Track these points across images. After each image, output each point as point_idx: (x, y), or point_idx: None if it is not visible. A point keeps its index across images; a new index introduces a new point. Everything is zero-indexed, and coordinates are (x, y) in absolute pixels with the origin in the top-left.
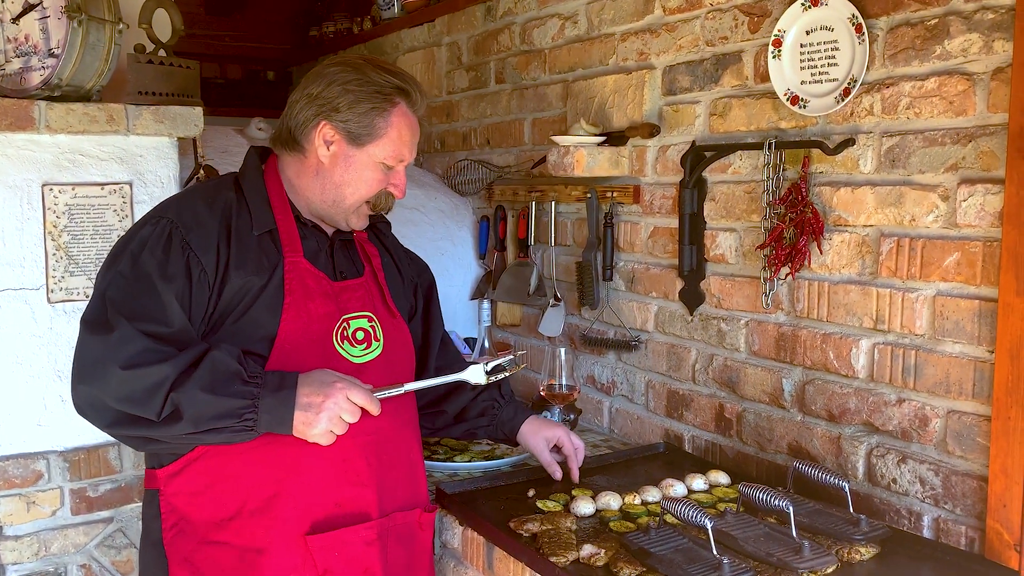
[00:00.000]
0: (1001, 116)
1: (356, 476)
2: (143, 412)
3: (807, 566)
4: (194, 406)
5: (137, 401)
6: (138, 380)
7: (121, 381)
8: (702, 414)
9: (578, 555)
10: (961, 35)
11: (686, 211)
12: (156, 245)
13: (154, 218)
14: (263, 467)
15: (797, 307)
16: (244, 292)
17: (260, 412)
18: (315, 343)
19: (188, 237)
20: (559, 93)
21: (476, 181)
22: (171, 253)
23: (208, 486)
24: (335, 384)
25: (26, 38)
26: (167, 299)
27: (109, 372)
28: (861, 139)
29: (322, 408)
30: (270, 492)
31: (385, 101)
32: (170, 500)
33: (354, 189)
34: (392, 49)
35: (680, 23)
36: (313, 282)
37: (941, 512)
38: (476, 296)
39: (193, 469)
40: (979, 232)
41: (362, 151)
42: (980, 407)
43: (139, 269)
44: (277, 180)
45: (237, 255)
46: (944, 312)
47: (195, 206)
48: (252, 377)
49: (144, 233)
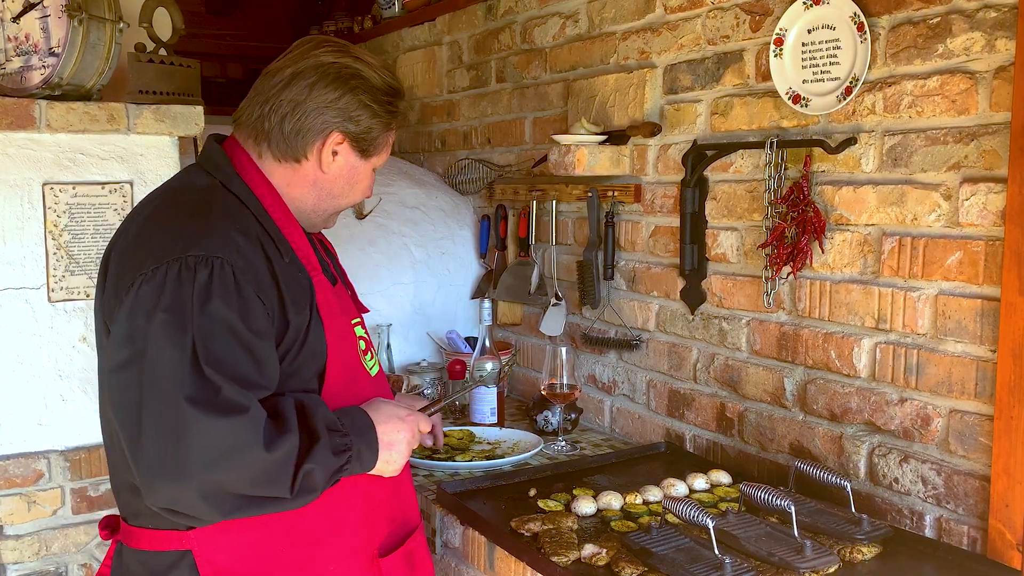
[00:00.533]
0: (1003, 115)
1: (402, 488)
2: (277, 492)
3: (809, 566)
4: (324, 472)
5: (274, 482)
6: (275, 458)
7: (264, 463)
8: (703, 413)
9: (579, 555)
10: (963, 34)
11: (687, 210)
12: (226, 294)
13: (200, 259)
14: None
15: (799, 306)
16: (298, 332)
17: (353, 460)
18: (351, 364)
19: (247, 279)
20: (560, 92)
21: (477, 180)
22: (247, 300)
23: (256, 538)
24: (405, 418)
25: (27, 37)
26: (263, 357)
27: (252, 457)
28: (863, 138)
29: (403, 444)
30: (333, 526)
31: (391, 115)
32: (211, 559)
33: (351, 198)
34: (393, 48)
35: (681, 22)
36: (332, 297)
37: (943, 512)
38: (477, 295)
39: (238, 524)
40: (981, 231)
41: (367, 163)
42: (982, 406)
43: (217, 326)
44: (268, 187)
45: (287, 292)
46: (946, 311)
47: (234, 239)
48: (342, 425)
49: (202, 279)
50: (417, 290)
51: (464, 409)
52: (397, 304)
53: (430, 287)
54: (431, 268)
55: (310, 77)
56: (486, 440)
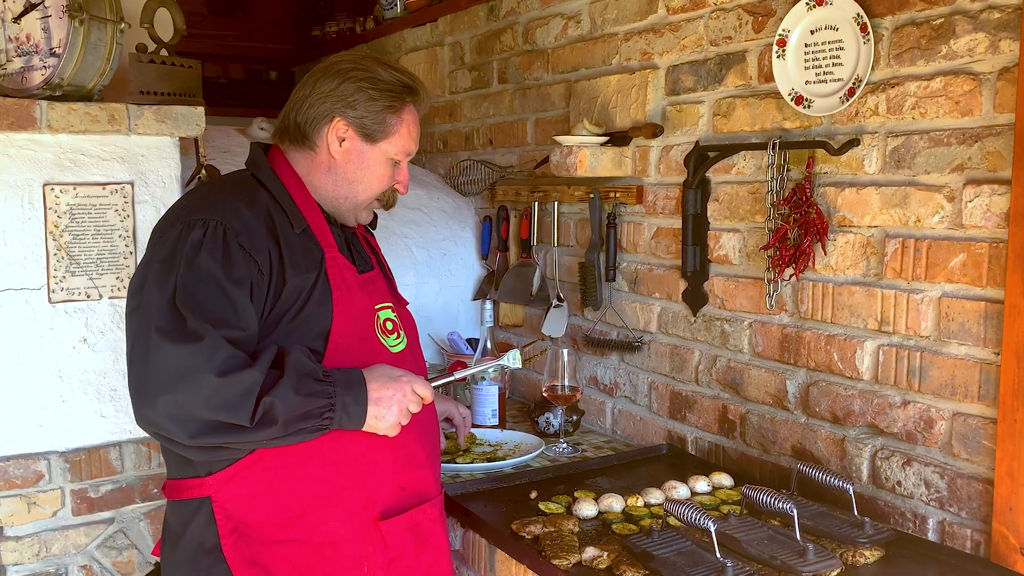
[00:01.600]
0: (1007, 116)
1: (414, 458)
2: (236, 419)
3: (811, 569)
4: (286, 408)
5: (231, 408)
6: (232, 386)
7: (217, 389)
8: (705, 416)
9: (580, 557)
10: (967, 35)
11: (689, 212)
12: (214, 247)
13: (199, 221)
14: (327, 461)
15: (801, 308)
16: (300, 290)
17: (336, 410)
18: (363, 336)
19: (240, 238)
20: (562, 93)
21: (479, 181)
22: (231, 254)
23: (269, 488)
24: (401, 378)
25: (27, 37)
26: (240, 302)
27: (203, 381)
28: (866, 139)
29: (392, 401)
30: (338, 485)
31: (397, 100)
32: (226, 506)
33: (367, 185)
34: (395, 49)
35: (684, 23)
36: (351, 276)
37: (946, 515)
38: (478, 297)
39: (250, 473)
40: (985, 233)
41: (375, 148)
42: (986, 409)
43: (201, 273)
44: (294, 176)
45: (288, 254)
46: (950, 314)
47: (237, 208)
48: (326, 375)
49: (195, 236)
50: (418, 291)
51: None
52: None
53: (431, 288)
54: (433, 269)
55: (317, 75)
56: (487, 442)
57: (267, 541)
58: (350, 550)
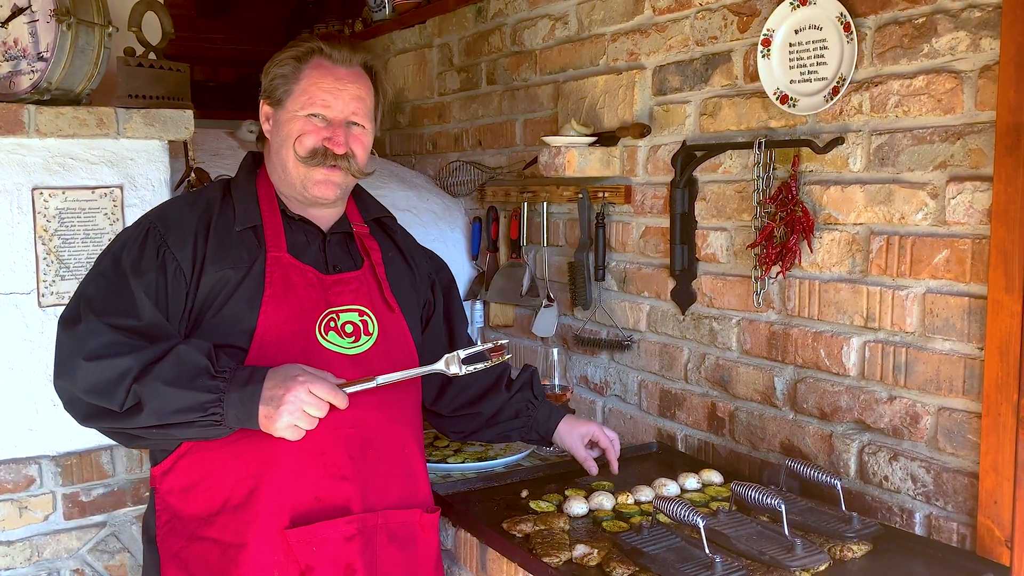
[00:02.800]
0: (989, 114)
1: (336, 469)
2: (107, 403)
3: (799, 564)
4: (155, 398)
5: (102, 392)
6: (102, 371)
7: (86, 373)
8: (695, 413)
9: (571, 555)
10: (948, 33)
11: (677, 211)
12: (133, 244)
13: (137, 222)
14: (243, 462)
15: (788, 306)
16: (221, 286)
17: (226, 407)
18: (297, 335)
19: (166, 236)
20: (550, 94)
21: (468, 182)
22: (146, 250)
23: (196, 482)
24: (297, 377)
25: (15, 42)
26: (137, 293)
27: (76, 364)
28: (850, 138)
29: (283, 401)
30: (250, 486)
31: (298, 59)
32: (164, 498)
33: (286, 148)
34: (383, 51)
35: (670, 23)
36: (297, 276)
37: (933, 509)
38: (469, 297)
39: (181, 466)
40: (968, 229)
41: (283, 110)
42: (970, 404)
43: (117, 268)
44: (266, 177)
45: (214, 250)
46: (934, 309)
47: (177, 207)
48: (220, 372)
49: (124, 235)
50: None
51: None
52: None
53: None
54: None
55: None
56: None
57: (190, 536)
58: (257, 556)
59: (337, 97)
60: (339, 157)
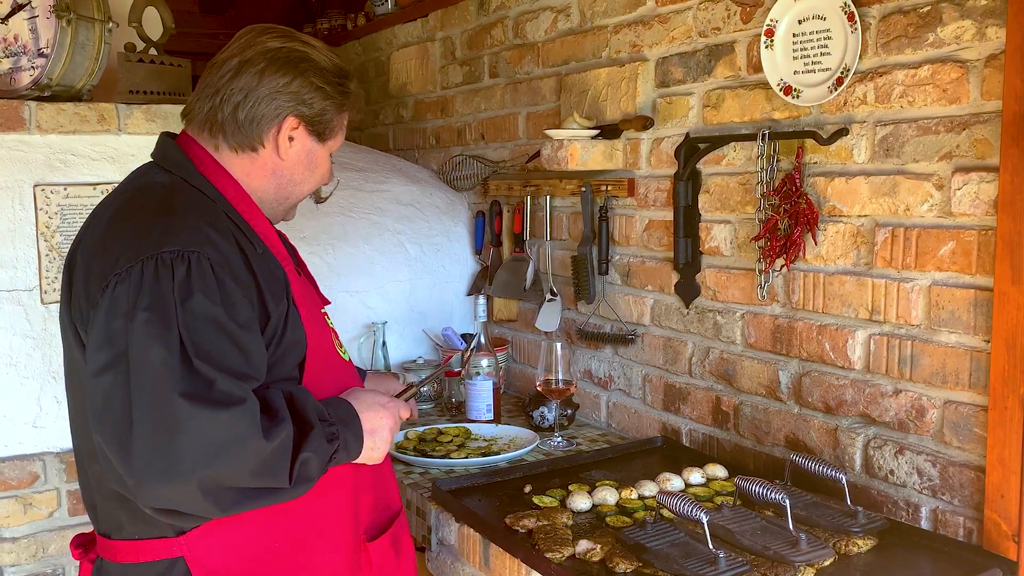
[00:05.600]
0: (995, 103)
1: (386, 471)
2: (277, 482)
3: (804, 559)
4: (320, 460)
5: (275, 472)
6: (272, 449)
7: (263, 454)
8: (699, 407)
9: (574, 551)
10: (954, 22)
11: (681, 204)
12: (206, 286)
13: (173, 253)
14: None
15: (792, 299)
16: (277, 321)
17: (339, 449)
18: (328, 351)
19: (224, 271)
20: (553, 87)
21: (471, 176)
22: (228, 292)
23: (254, 531)
24: (388, 404)
25: (15, 38)
26: (251, 348)
27: (252, 447)
28: (855, 129)
29: (386, 431)
30: (328, 514)
31: (343, 96)
32: (204, 563)
33: (310, 185)
34: (386, 45)
35: (672, 14)
36: (305, 289)
37: (939, 503)
38: (472, 292)
39: (227, 523)
40: (974, 221)
41: (323, 147)
42: (977, 397)
43: (202, 318)
44: (231, 181)
45: (264, 283)
46: (940, 302)
47: (206, 232)
48: (330, 414)
49: (180, 274)
50: (412, 287)
51: (460, 406)
52: (392, 301)
53: (425, 284)
54: (426, 265)
55: (259, 64)
56: (482, 437)
57: None
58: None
59: None
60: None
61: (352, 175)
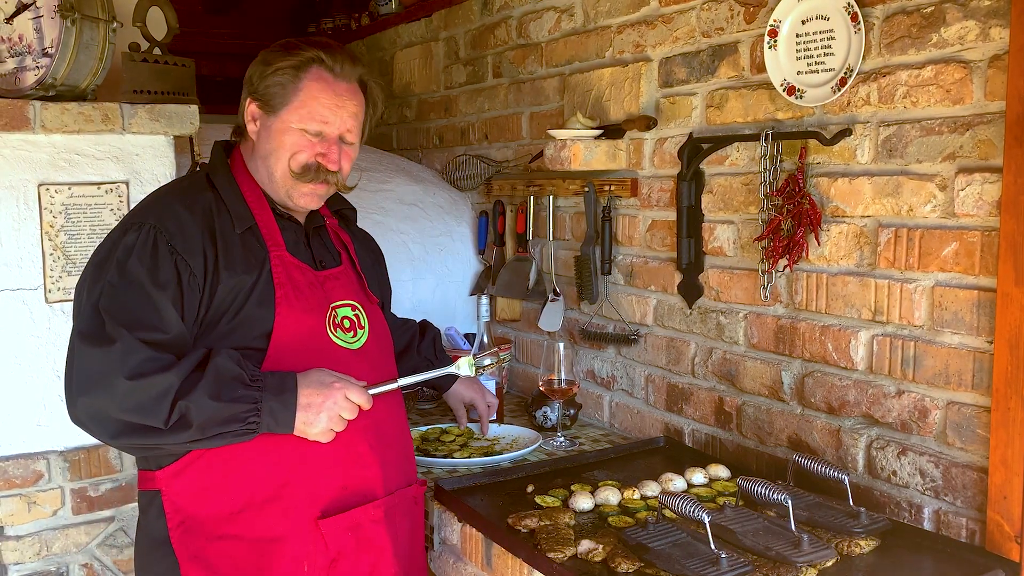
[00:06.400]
0: (998, 104)
1: (360, 458)
2: (150, 421)
3: (806, 560)
4: (201, 413)
5: (145, 410)
6: (144, 390)
7: (127, 392)
8: (702, 408)
9: (576, 550)
10: (957, 22)
11: (684, 204)
12: (143, 252)
13: (135, 224)
14: (269, 459)
15: (795, 299)
16: (236, 291)
17: (263, 415)
18: (311, 334)
19: (173, 242)
20: (556, 87)
21: (475, 176)
22: (159, 259)
23: (213, 483)
24: (333, 384)
25: (20, 38)
26: (162, 306)
27: (115, 383)
28: (858, 129)
29: (322, 408)
30: (279, 482)
31: (297, 68)
32: (174, 500)
33: (276, 158)
34: (390, 45)
35: (676, 14)
36: (299, 274)
37: (941, 504)
38: (475, 291)
39: (195, 468)
40: (977, 222)
41: (277, 118)
42: (980, 398)
43: (129, 277)
44: (245, 173)
45: (224, 255)
46: (943, 303)
47: (175, 210)
48: (254, 380)
49: (128, 240)
50: (415, 287)
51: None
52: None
53: (428, 284)
54: (429, 265)
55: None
56: (485, 436)
57: (211, 536)
58: (290, 548)
59: (336, 114)
60: (330, 173)
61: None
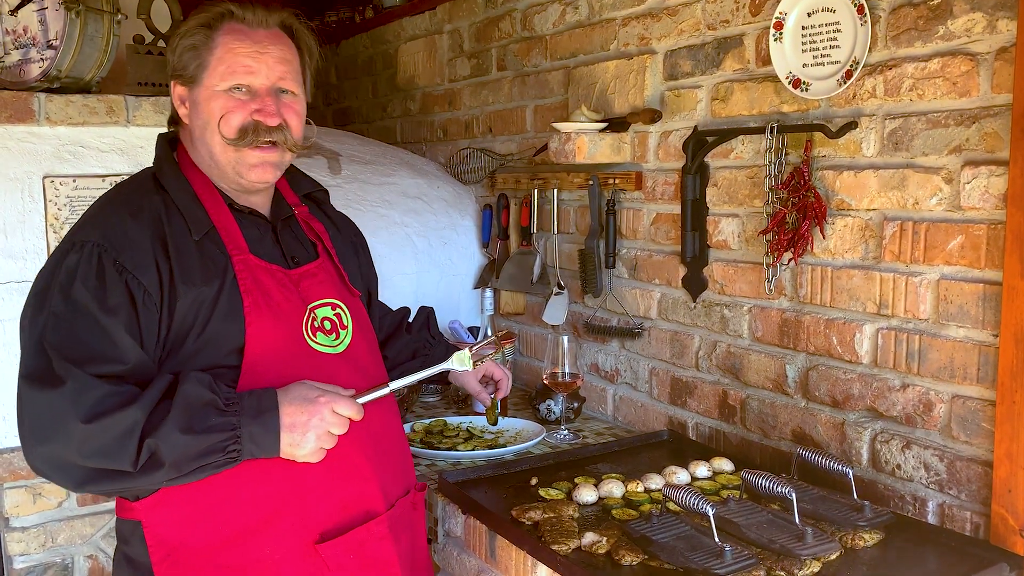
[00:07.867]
0: (1005, 97)
1: (357, 472)
2: (117, 464)
3: (810, 552)
4: (174, 449)
5: (109, 454)
6: (105, 431)
7: (86, 436)
8: (706, 401)
9: (580, 543)
10: (964, 15)
11: (688, 197)
12: (87, 274)
13: (76, 244)
14: (258, 481)
15: (800, 292)
16: (199, 306)
17: (243, 442)
18: (287, 343)
19: (120, 259)
20: (560, 79)
21: (479, 169)
22: (107, 280)
23: (198, 511)
24: (318, 399)
25: (24, 30)
26: (116, 333)
27: (70, 429)
28: (864, 122)
29: (308, 427)
30: (272, 506)
31: (207, 26)
32: (156, 531)
33: (210, 130)
34: (394, 37)
35: (681, 7)
36: (268, 277)
37: (946, 498)
38: (479, 285)
39: (177, 496)
40: (983, 215)
41: (200, 87)
42: (985, 392)
43: (74, 304)
44: (194, 167)
45: (180, 267)
46: (948, 296)
47: (119, 220)
48: (229, 404)
49: (70, 262)
50: (419, 280)
51: (467, 398)
52: (399, 294)
53: (432, 277)
54: (433, 258)
55: None
56: (489, 429)
57: (202, 566)
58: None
59: (259, 61)
60: (273, 130)
61: (359, 168)
